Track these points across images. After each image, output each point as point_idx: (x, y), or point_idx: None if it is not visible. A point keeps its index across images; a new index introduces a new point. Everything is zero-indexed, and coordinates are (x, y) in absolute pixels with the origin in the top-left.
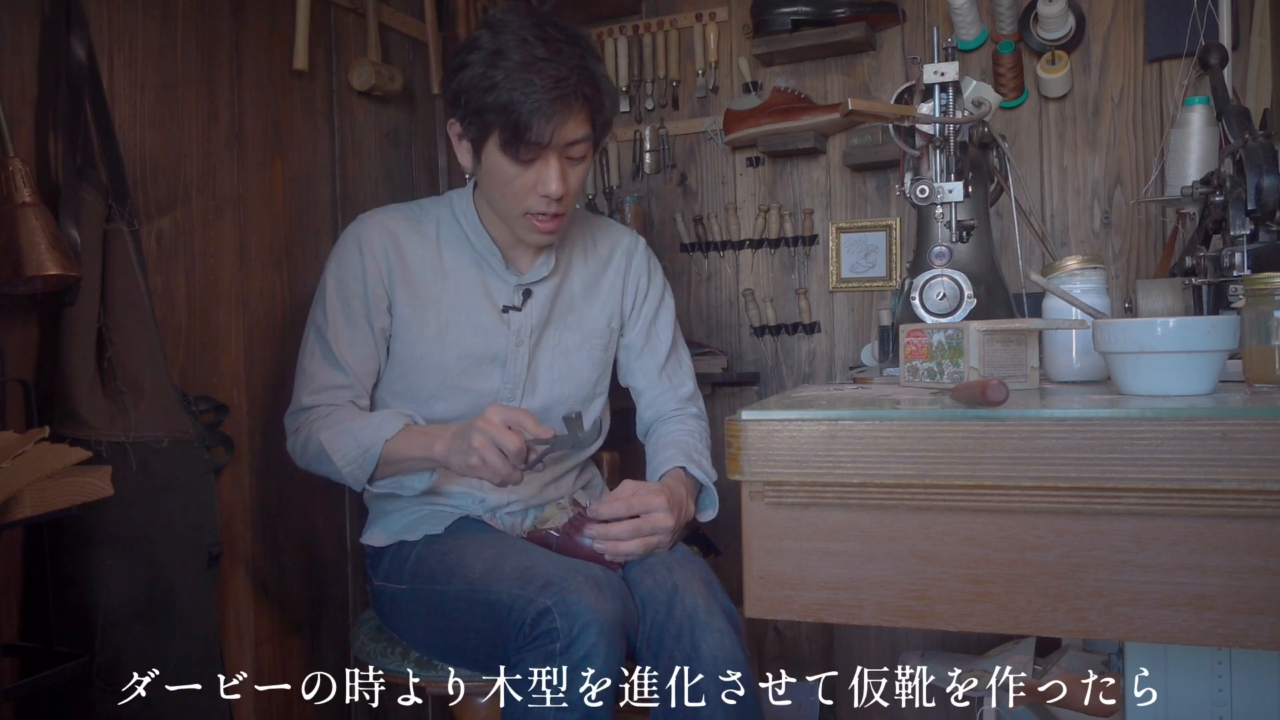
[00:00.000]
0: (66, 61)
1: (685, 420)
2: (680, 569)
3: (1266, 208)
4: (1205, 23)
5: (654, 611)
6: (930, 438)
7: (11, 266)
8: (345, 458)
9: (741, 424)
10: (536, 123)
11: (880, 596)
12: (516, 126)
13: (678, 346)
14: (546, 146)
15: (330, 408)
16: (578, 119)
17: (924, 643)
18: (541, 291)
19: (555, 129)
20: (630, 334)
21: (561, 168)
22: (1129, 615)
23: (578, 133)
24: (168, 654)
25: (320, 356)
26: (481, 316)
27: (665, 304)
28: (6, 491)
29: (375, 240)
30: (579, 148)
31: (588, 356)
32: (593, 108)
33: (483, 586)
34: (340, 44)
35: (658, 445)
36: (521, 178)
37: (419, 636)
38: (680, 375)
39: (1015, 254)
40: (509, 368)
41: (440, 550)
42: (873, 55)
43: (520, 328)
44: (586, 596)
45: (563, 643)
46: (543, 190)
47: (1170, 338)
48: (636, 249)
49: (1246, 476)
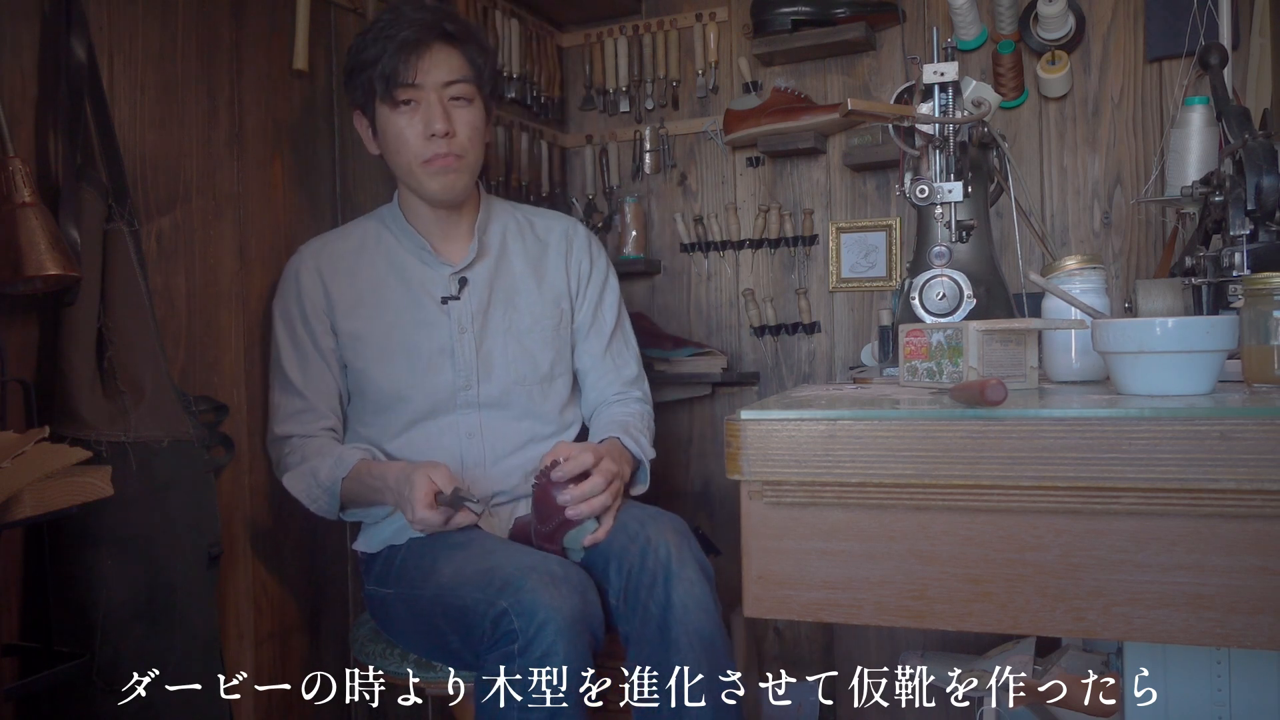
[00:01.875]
0: (66, 61)
1: (628, 403)
2: (652, 523)
3: (1266, 208)
4: (1205, 23)
5: (628, 565)
6: (929, 438)
7: (11, 266)
8: (310, 496)
9: (741, 424)
10: (403, 59)
11: (879, 596)
12: (386, 70)
13: (622, 328)
14: (420, 86)
15: (301, 440)
16: (448, 58)
17: (924, 643)
18: (478, 277)
19: (419, 63)
20: (578, 317)
21: (444, 108)
22: (1128, 615)
23: (453, 72)
24: (168, 654)
25: (280, 385)
26: (422, 312)
27: (609, 285)
28: (6, 491)
29: (308, 267)
30: (459, 88)
31: (540, 337)
32: (461, 46)
33: (451, 590)
34: (340, 44)
35: (599, 425)
36: (410, 125)
37: (407, 638)
38: (625, 357)
39: (1015, 254)
40: (457, 357)
41: (419, 554)
42: (873, 55)
43: (461, 315)
44: (542, 595)
45: (521, 643)
46: (429, 129)
47: (1169, 338)
48: (576, 232)
49: (1245, 476)
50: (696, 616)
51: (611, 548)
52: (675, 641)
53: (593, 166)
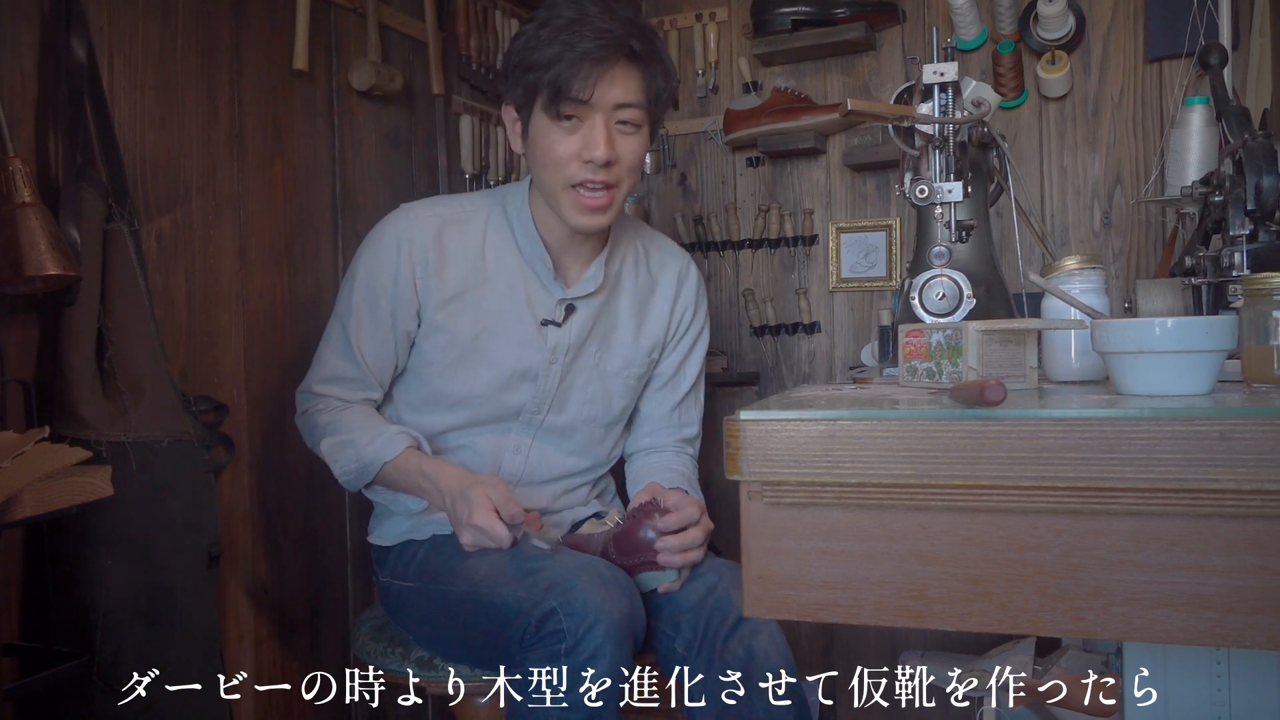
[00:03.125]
0: (66, 61)
1: (682, 457)
2: (729, 574)
3: (1266, 208)
4: (1205, 23)
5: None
6: (928, 438)
7: (11, 266)
8: (343, 469)
9: (740, 424)
10: (579, 74)
11: (879, 596)
12: (558, 80)
13: (698, 386)
14: (590, 104)
15: (341, 404)
16: (626, 78)
17: (924, 643)
18: (585, 308)
19: (598, 84)
20: (662, 364)
21: (609, 132)
22: (1127, 615)
23: (628, 95)
24: (168, 654)
25: (336, 345)
26: (519, 328)
27: (702, 340)
28: (6, 491)
29: (415, 240)
30: (630, 112)
31: (623, 383)
32: (644, 67)
33: (487, 589)
34: (340, 44)
35: (650, 467)
36: (566, 142)
37: (424, 632)
38: (691, 415)
39: (1015, 254)
40: (540, 384)
41: (446, 550)
42: (873, 55)
43: (557, 345)
44: (593, 595)
45: (568, 643)
46: (588, 155)
47: (1168, 338)
48: (689, 275)
49: (1244, 476)
50: (778, 663)
51: (688, 599)
52: (760, 692)
53: None
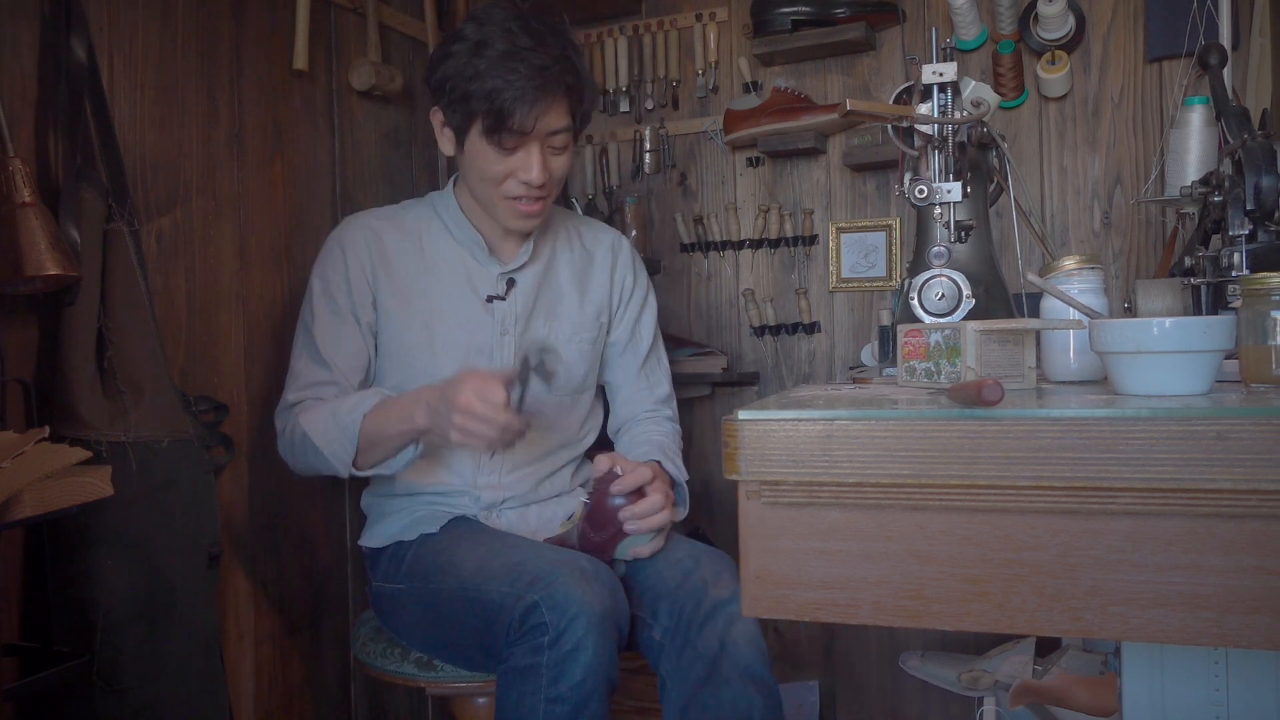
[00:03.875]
0: (66, 61)
1: (660, 423)
2: (707, 561)
3: (1265, 208)
4: (1205, 23)
5: (681, 602)
6: (926, 438)
7: (11, 266)
8: (325, 438)
9: (738, 424)
10: (519, 110)
11: (877, 596)
12: (500, 114)
13: (657, 347)
14: (529, 134)
15: (315, 400)
16: (559, 108)
17: (924, 643)
18: (525, 280)
19: (538, 117)
20: (615, 331)
21: (543, 156)
22: (1124, 615)
23: (559, 122)
24: (168, 654)
25: (306, 355)
26: (466, 307)
27: (649, 303)
28: (6, 491)
29: (358, 239)
30: (560, 137)
31: (577, 350)
32: (573, 98)
33: (474, 585)
34: (340, 44)
35: (633, 441)
36: (503, 164)
37: (415, 635)
38: (658, 375)
39: (1015, 254)
40: (495, 358)
41: (434, 549)
42: (873, 55)
43: (504, 317)
44: (574, 588)
45: (551, 636)
46: (524, 177)
47: (1166, 337)
48: (622, 247)
49: (1242, 476)
50: (748, 655)
51: (665, 585)
52: (728, 681)
53: (593, 166)
